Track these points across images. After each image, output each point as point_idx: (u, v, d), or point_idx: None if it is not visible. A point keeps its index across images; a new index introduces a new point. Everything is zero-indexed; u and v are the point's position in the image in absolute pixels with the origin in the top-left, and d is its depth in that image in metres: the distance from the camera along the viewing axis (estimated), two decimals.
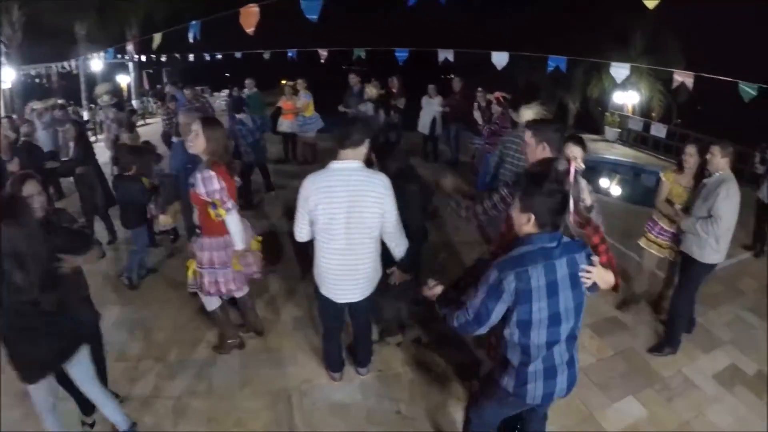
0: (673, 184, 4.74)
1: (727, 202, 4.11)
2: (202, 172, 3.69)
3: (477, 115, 8.67)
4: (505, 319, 2.43)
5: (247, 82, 11.28)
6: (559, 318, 2.40)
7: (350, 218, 3.26)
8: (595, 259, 2.44)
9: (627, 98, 17.48)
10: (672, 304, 4.67)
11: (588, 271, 2.40)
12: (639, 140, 14.87)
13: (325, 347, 4.12)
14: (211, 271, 3.99)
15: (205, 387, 4.10)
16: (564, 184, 2.40)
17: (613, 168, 13.05)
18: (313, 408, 3.87)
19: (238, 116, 7.80)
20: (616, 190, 11.81)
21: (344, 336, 4.16)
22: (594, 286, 2.48)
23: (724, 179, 4.21)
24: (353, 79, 10.14)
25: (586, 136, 13.37)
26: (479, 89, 8.05)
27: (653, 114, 18.42)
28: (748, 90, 6.62)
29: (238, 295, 4.35)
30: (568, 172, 2.52)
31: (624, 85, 16.06)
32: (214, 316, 4.41)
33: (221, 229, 3.88)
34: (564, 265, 2.37)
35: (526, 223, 2.39)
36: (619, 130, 15.49)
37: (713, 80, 7.05)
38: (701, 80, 7.14)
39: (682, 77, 7.39)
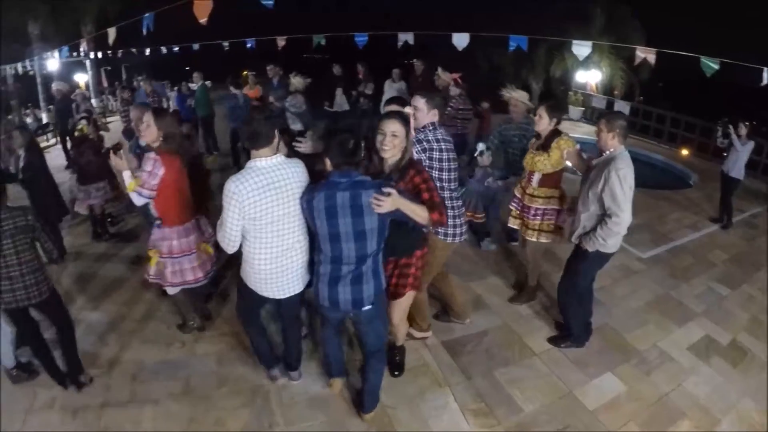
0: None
1: (620, 187, 3.65)
2: (146, 154, 3.88)
3: None
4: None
5: (195, 75, 11.18)
6: (339, 237, 2.98)
7: (287, 214, 3.21)
8: (387, 189, 2.88)
9: (590, 77, 17.65)
10: (561, 300, 4.38)
11: (377, 199, 2.86)
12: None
13: (256, 350, 4.01)
14: (174, 260, 4.07)
15: (182, 388, 4.02)
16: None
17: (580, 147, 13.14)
18: (292, 402, 3.83)
19: None
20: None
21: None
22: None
23: (613, 157, 3.75)
24: (273, 70, 10.00)
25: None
26: (438, 70, 7.95)
27: (615, 92, 18.63)
28: (710, 64, 6.71)
29: (197, 284, 4.34)
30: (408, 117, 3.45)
31: (586, 63, 16.22)
32: (174, 299, 4.51)
33: (183, 216, 4.10)
34: (347, 197, 2.91)
35: (327, 165, 3.04)
36: (583, 109, 15.68)
37: (674, 56, 7.12)
38: (663, 56, 7.20)
39: (645, 53, 7.45)
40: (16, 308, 3.78)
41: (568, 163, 4.47)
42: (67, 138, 10.30)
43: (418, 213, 3.05)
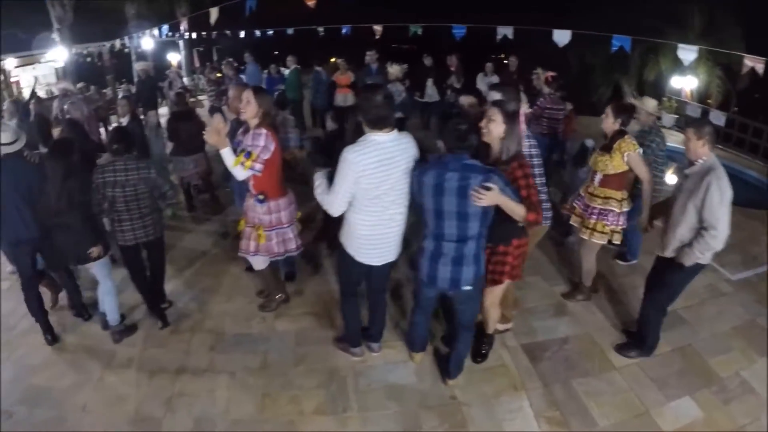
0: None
1: (720, 198, 3.46)
2: (254, 130, 4.01)
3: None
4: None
5: (288, 59, 11.39)
6: (442, 214, 3.13)
7: (393, 186, 3.37)
8: (488, 185, 2.98)
9: (685, 83, 16.69)
10: (644, 312, 4.22)
11: (478, 192, 2.97)
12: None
13: (347, 322, 4.10)
14: (280, 230, 4.30)
15: (260, 363, 4.13)
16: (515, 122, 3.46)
17: (670, 156, 12.50)
18: (368, 389, 3.85)
19: None
20: (671, 179, 11.33)
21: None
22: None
23: (711, 167, 3.57)
24: (371, 56, 10.05)
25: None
26: (538, 69, 7.71)
27: (709, 100, 17.58)
28: None
29: (297, 252, 4.56)
30: (516, 112, 3.61)
31: (681, 68, 15.36)
32: (262, 274, 4.63)
33: (283, 189, 4.32)
34: (455, 178, 3.05)
35: (442, 147, 3.22)
36: (677, 116, 14.85)
37: None
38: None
39: (753, 62, 6.97)
40: (133, 245, 4.36)
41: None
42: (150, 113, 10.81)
43: (516, 212, 3.15)
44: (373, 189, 3.30)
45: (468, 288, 3.33)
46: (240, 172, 3.94)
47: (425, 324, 3.86)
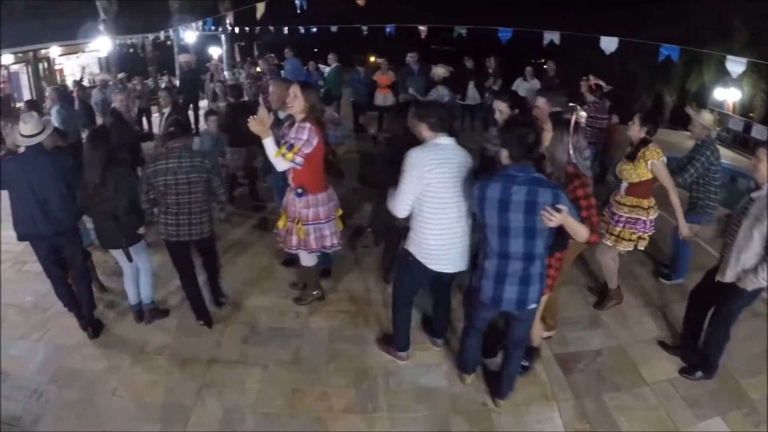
0: None
1: None
2: (299, 123, 4.09)
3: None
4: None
5: (330, 56, 11.53)
6: (508, 231, 2.97)
7: (450, 188, 3.42)
8: (560, 207, 2.84)
9: (728, 95, 16.26)
10: (710, 337, 4.07)
11: (549, 213, 2.82)
12: (739, 142, 13.84)
13: (398, 326, 4.07)
14: (318, 226, 4.32)
15: (292, 357, 4.17)
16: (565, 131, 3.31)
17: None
18: (398, 390, 3.86)
19: None
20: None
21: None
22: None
23: None
24: (412, 57, 10.04)
25: (682, 133, 12.65)
26: (589, 76, 7.55)
27: (752, 114, 17.08)
28: None
29: (333, 250, 4.62)
30: (569, 122, 3.40)
31: (726, 80, 14.96)
32: (305, 269, 4.70)
33: (324, 184, 4.37)
34: (523, 192, 2.90)
35: (503, 156, 3.05)
36: (719, 129, 14.48)
37: None
38: None
39: None
40: (177, 242, 4.26)
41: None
42: (191, 105, 11.05)
43: (580, 233, 3.04)
44: (433, 185, 3.35)
45: (533, 306, 3.25)
46: (280, 163, 4.02)
47: (479, 346, 3.76)
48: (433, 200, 3.39)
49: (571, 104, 5.29)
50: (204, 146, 6.44)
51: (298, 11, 7.40)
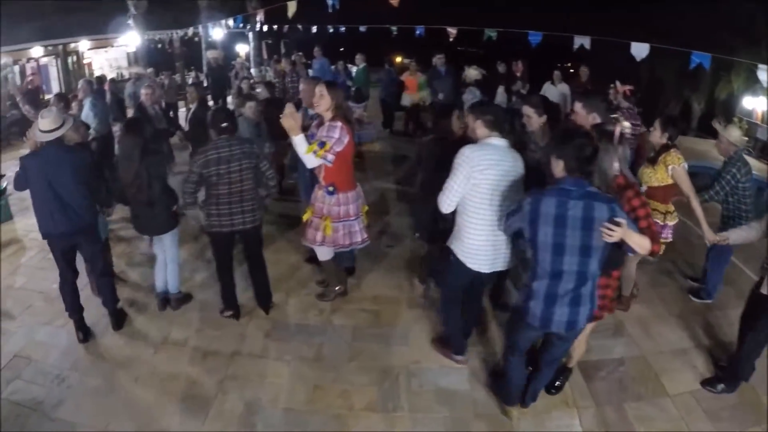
0: None
1: None
2: (329, 122, 4.15)
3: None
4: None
5: (358, 57, 11.64)
6: (563, 249, 2.79)
7: (497, 189, 3.41)
8: (619, 220, 2.70)
9: (758, 104, 15.95)
10: (743, 348, 3.99)
11: (610, 228, 2.68)
12: (766, 151, 13.59)
13: (451, 329, 4.08)
14: (347, 222, 4.39)
15: (314, 354, 4.21)
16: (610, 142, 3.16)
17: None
18: (420, 390, 3.87)
19: None
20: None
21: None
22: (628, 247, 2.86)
23: None
24: (439, 59, 10.01)
25: (710, 141, 12.44)
26: (616, 83, 7.49)
27: None
28: None
29: (363, 245, 4.68)
30: (613, 133, 3.27)
31: (754, 89, 14.68)
32: (326, 265, 4.74)
33: (353, 182, 4.46)
34: (579, 207, 2.74)
35: (557, 168, 2.86)
36: (746, 139, 14.22)
37: None
38: None
39: None
40: (220, 232, 4.28)
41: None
42: (219, 100, 11.20)
43: (643, 245, 2.87)
44: (482, 185, 3.35)
45: (582, 327, 3.12)
46: (311, 160, 4.07)
47: (524, 368, 3.53)
48: (479, 200, 3.40)
49: (613, 116, 5.22)
50: (244, 133, 6.50)
51: (330, 10, 7.43)
